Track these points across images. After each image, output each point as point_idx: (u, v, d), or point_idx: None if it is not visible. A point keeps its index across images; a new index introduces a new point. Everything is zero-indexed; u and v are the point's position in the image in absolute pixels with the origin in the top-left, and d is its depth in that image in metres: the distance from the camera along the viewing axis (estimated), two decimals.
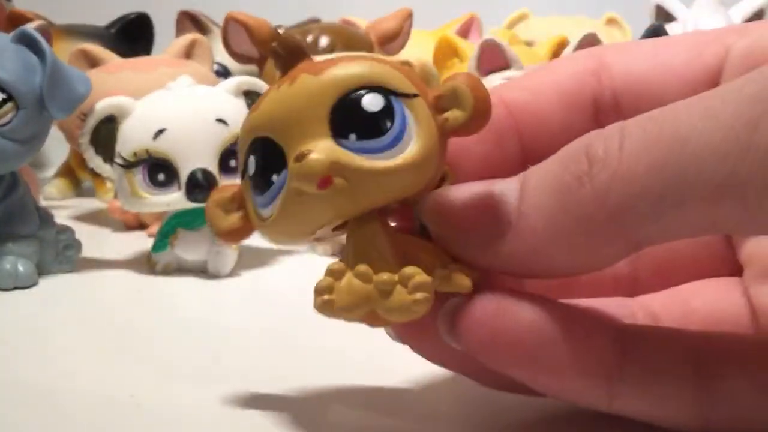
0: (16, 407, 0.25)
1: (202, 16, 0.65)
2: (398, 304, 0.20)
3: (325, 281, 0.21)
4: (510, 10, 0.67)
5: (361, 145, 0.20)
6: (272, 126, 0.21)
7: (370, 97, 0.21)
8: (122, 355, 0.30)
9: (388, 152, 0.20)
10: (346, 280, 0.21)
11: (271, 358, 0.29)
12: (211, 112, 0.40)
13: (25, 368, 0.29)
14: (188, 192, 0.39)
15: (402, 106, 0.21)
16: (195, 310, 0.37)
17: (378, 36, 0.55)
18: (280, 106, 0.21)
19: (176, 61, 0.51)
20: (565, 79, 0.24)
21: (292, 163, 0.20)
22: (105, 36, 0.62)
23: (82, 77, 0.40)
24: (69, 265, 0.41)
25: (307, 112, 0.21)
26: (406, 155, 0.20)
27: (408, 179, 0.21)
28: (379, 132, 0.20)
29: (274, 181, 0.21)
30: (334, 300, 0.21)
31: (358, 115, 0.21)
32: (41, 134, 0.39)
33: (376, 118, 0.21)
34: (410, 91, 0.21)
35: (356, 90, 0.21)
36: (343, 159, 0.20)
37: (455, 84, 0.21)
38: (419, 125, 0.21)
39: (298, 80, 0.21)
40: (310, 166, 0.20)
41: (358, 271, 0.21)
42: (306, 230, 0.21)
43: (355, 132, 0.20)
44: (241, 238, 0.23)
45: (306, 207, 0.21)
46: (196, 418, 0.24)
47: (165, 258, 0.41)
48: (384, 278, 0.20)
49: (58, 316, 0.36)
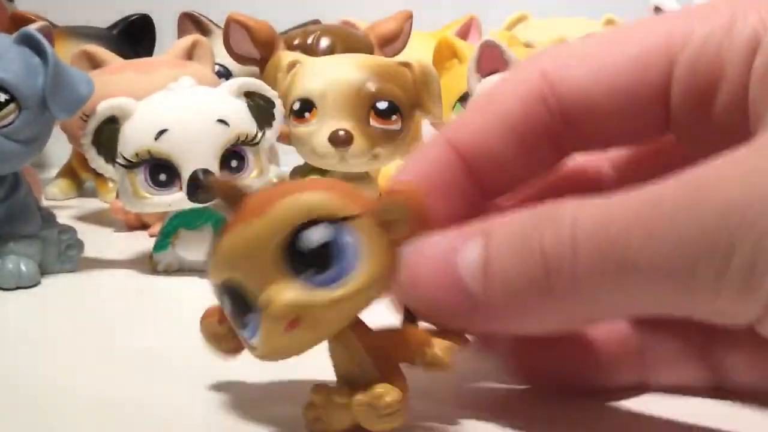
0: (17, 407, 0.25)
1: (203, 18, 0.65)
2: (375, 421, 0.22)
3: (312, 399, 0.23)
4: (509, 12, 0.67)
5: (319, 279, 0.21)
6: (235, 270, 0.22)
7: (313, 231, 0.21)
8: (123, 354, 0.30)
9: (343, 280, 0.21)
10: (329, 400, 0.22)
11: None
12: (212, 113, 0.40)
13: (26, 368, 0.29)
14: (189, 192, 0.39)
15: (348, 229, 0.21)
16: (196, 310, 0.37)
17: (378, 37, 0.55)
18: (237, 249, 0.22)
19: (178, 62, 0.51)
20: (512, 111, 0.23)
21: (261, 311, 0.21)
22: (107, 37, 0.62)
23: (85, 78, 0.40)
24: (71, 264, 0.41)
25: (261, 255, 0.21)
26: (361, 279, 0.21)
27: (366, 299, 0.22)
28: (331, 263, 0.21)
29: (251, 318, 0.22)
30: (322, 419, 0.23)
31: (307, 252, 0.21)
32: (43, 135, 0.40)
33: (325, 251, 0.21)
34: (353, 213, 0.21)
35: (300, 226, 0.21)
36: (303, 300, 0.21)
37: (390, 200, 0.21)
38: (368, 243, 0.21)
39: (247, 222, 0.22)
40: (274, 313, 0.21)
41: (339, 393, 0.22)
42: (294, 353, 0.23)
43: (310, 267, 0.21)
44: (241, 351, 0.24)
45: (284, 340, 0.22)
46: (197, 417, 0.25)
47: (166, 258, 0.42)
48: (358, 399, 0.22)
49: (60, 316, 0.36)
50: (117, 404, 0.25)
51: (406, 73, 0.44)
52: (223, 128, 0.40)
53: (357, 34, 0.55)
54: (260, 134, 0.41)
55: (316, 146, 0.43)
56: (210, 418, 0.25)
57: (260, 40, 0.50)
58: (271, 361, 0.23)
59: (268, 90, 0.42)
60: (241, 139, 0.40)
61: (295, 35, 0.53)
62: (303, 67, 0.45)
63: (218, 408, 0.25)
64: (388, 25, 0.56)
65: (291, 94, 0.44)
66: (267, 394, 0.26)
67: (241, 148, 0.41)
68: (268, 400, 0.26)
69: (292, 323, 0.21)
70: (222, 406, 0.25)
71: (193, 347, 0.31)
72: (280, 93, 0.43)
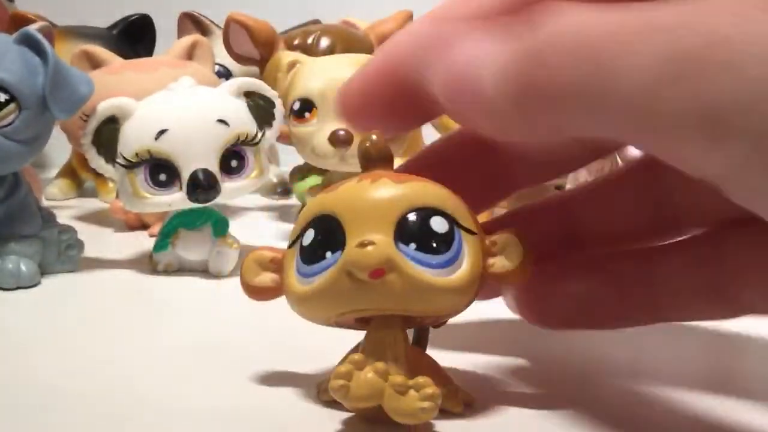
0: (17, 406, 0.25)
1: (203, 18, 0.65)
2: (407, 408, 0.22)
3: (345, 368, 0.22)
4: None
5: (417, 256, 0.22)
6: (343, 210, 0.23)
7: (439, 219, 0.23)
8: (123, 354, 0.30)
9: (440, 271, 0.22)
10: (364, 372, 0.22)
11: (272, 358, 0.29)
12: (212, 113, 0.40)
13: (26, 368, 0.29)
14: (189, 192, 0.39)
15: (461, 236, 0.23)
16: (196, 310, 0.38)
17: (378, 38, 0.55)
18: (357, 196, 0.23)
19: (178, 62, 0.51)
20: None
21: (352, 247, 0.22)
22: (107, 37, 0.62)
23: (85, 78, 0.40)
24: (71, 265, 0.41)
25: (380, 210, 0.23)
26: (454, 279, 0.23)
27: (447, 300, 0.23)
28: (437, 251, 0.22)
29: (326, 257, 0.23)
30: (350, 387, 0.22)
31: (423, 230, 0.23)
32: (43, 135, 0.40)
33: (438, 238, 0.23)
34: (472, 229, 0.23)
35: (427, 209, 0.23)
36: (399, 260, 0.22)
37: (509, 237, 0.23)
38: (470, 258, 0.23)
39: (379, 181, 0.23)
40: (370, 254, 0.22)
41: (378, 367, 0.22)
42: (336, 310, 0.23)
43: (415, 243, 0.22)
44: (265, 298, 0.25)
45: (348, 289, 0.22)
46: (197, 417, 0.25)
47: (166, 258, 0.42)
48: (399, 380, 0.22)
49: (60, 316, 0.36)
50: (117, 404, 0.25)
51: None
52: (223, 128, 0.40)
53: (357, 34, 0.55)
54: (260, 134, 0.41)
55: (316, 146, 0.43)
56: (211, 417, 0.25)
57: (260, 40, 0.50)
58: (302, 310, 0.24)
59: (268, 90, 0.42)
60: (241, 139, 0.40)
61: (295, 35, 0.53)
62: (303, 67, 0.45)
63: (219, 407, 0.25)
64: (388, 25, 0.56)
65: (291, 94, 0.44)
66: (268, 392, 0.26)
67: (241, 148, 0.41)
68: (268, 399, 0.26)
69: (377, 272, 0.22)
70: (223, 405, 0.25)
71: (193, 347, 0.31)
72: (280, 93, 0.43)
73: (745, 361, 0.31)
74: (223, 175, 0.40)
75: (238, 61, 0.52)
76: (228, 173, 0.40)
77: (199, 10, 0.66)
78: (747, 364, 0.30)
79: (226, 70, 0.61)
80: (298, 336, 0.32)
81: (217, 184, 0.40)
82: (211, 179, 0.39)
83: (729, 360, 0.31)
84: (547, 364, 0.29)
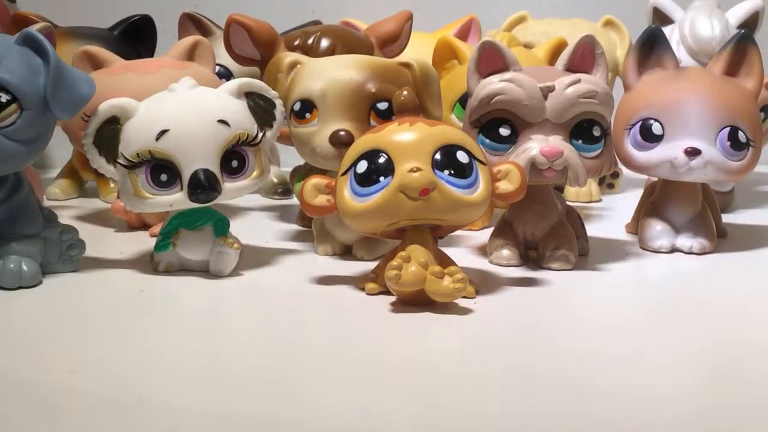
0: (19, 405, 0.26)
1: (204, 18, 0.65)
2: (444, 289, 0.33)
3: (396, 262, 0.33)
4: (509, 12, 0.67)
5: (450, 179, 0.34)
6: (389, 145, 0.34)
7: (462, 153, 0.35)
8: (124, 353, 0.30)
9: (466, 191, 0.34)
10: (411, 264, 0.33)
11: (272, 357, 0.30)
12: (212, 113, 0.40)
13: (28, 366, 0.29)
14: (190, 192, 0.39)
15: (477, 166, 0.35)
16: (197, 309, 0.38)
17: (378, 38, 0.55)
18: (400, 135, 0.35)
19: (178, 63, 0.51)
20: None
21: (405, 172, 0.33)
22: (108, 38, 0.62)
23: (86, 79, 0.40)
24: (72, 264, 0.42)
25: (419, 144, 0.34)
26: (476, 196, 0.35)
27: (471, 211, 0.35)
28: (463, 175, 0.34)
29: (380, 181, 0.34)
30: (401, 276, 0.33)
31: (452, 160, 0.34)
32: (45, 135, 0.40)
33: (463, 167, 0.35)
34: (483, 161, 0.35)
35: (453, 145, 0.35)
36: (439, 182, 0.34)
37: (510, 167, 0.36)
38: (484, 182, 0.35)
39: (416, 125, 0.35)
40: (419, 177, 0.33)
41: (420, 260, 0.33)
42: (389, 221, 0.34)
43: (448, 169, 0.34)
44: (321, 214, 0.37)
45: (399, 204, 0.33)
46: (197, 416, 0.25)
47: (167, 257, 0.42)
48: (437, 269, 0.33)
49: (61, 315, 0.36)
50: (118, 402, 0.26)
51: (406, 73, 0.44)
52: (223, 128, 0.40)
53: (357, 34, 0.55)
54: (261, 134, 0.41)
55: (316, 146, 0.43)
56: (211, 416, 0.25)
57: (261, 40, 0.50)
58: (355, 221, 0.34)
59: (269, 90, 0.42)
60: (241, 139, 0.40)
61: (295, 36, 0.53)
62: (303, 67, 0.45)
63: (219, 406, 0.25)
64: (388, 25, 0.56)
65: (291, 94, 0.44)
66: (267, 391, 0.26)
67: (242, 148, 0.41)
68: (268, 399, 0.26)
69: (425, 191, 0.33)
70: (223, 404, 0.25)
71: (193, 346, 0.31)
72: (281, 93, 0.43)
73: (745, 361, 0.31)
74: (224, 175, 0.40)
75: (238, 62, 0.52)
76: (229, 173, 0.40)
77: (200, 11, 0.66)
78: (747, 364, 0.31)
79: (226, 70, 0.61)
80: (299, 335, 0.32)
81: (218, 184, 0.40)
82: (212, 179, 0.39)
83: (729, 360, 0.31)
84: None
